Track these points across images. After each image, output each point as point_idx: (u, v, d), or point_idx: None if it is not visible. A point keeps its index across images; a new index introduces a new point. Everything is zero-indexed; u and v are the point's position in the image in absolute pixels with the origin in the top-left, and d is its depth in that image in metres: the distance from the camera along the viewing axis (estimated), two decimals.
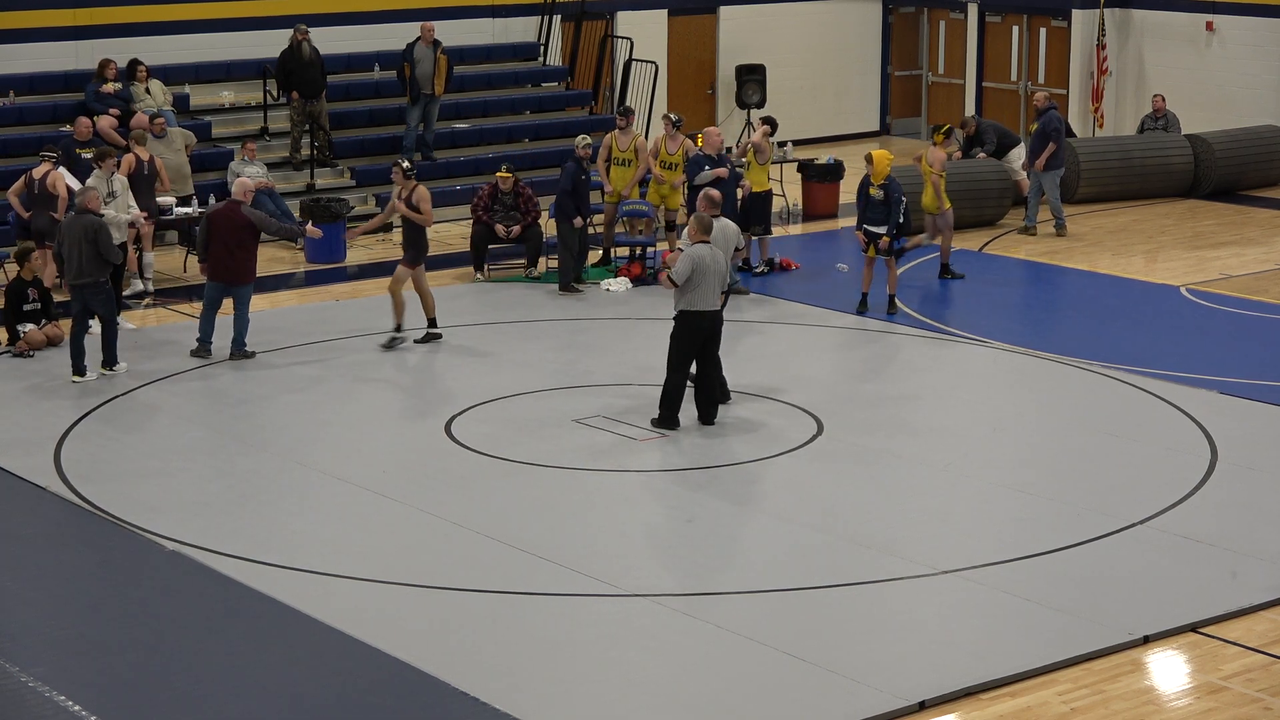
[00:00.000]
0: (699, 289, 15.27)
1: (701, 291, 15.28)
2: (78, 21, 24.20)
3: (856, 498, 14.08)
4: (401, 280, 17.90)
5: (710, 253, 15.33)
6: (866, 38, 32.25)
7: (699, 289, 15.27)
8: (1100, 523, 13.34)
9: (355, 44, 26.11)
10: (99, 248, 16.70)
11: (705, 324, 15.40)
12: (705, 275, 15.25)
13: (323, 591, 12.14)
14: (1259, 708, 10.60)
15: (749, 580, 12.43)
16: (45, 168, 19.71)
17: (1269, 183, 26.78)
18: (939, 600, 12.11)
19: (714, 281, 15.31)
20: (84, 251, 16.69)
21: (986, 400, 16.84)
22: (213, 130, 24.30)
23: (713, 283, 15.31)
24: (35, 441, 15.28)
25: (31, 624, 11.76)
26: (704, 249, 15.33)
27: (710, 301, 15.35)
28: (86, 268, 16.75)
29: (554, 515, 13.74)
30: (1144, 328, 19.24)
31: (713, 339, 15.53)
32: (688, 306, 15.33)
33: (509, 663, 11.10)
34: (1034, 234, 23.52)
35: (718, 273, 15.35)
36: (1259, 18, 28.05)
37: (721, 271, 15.41)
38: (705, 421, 15.62)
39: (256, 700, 10.65)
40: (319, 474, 14.51)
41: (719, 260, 15.40)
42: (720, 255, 15.48)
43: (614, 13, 29.16)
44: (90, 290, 16.78)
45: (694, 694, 10.75)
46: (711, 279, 15.29)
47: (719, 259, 15.41)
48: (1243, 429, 15.63)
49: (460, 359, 17.80)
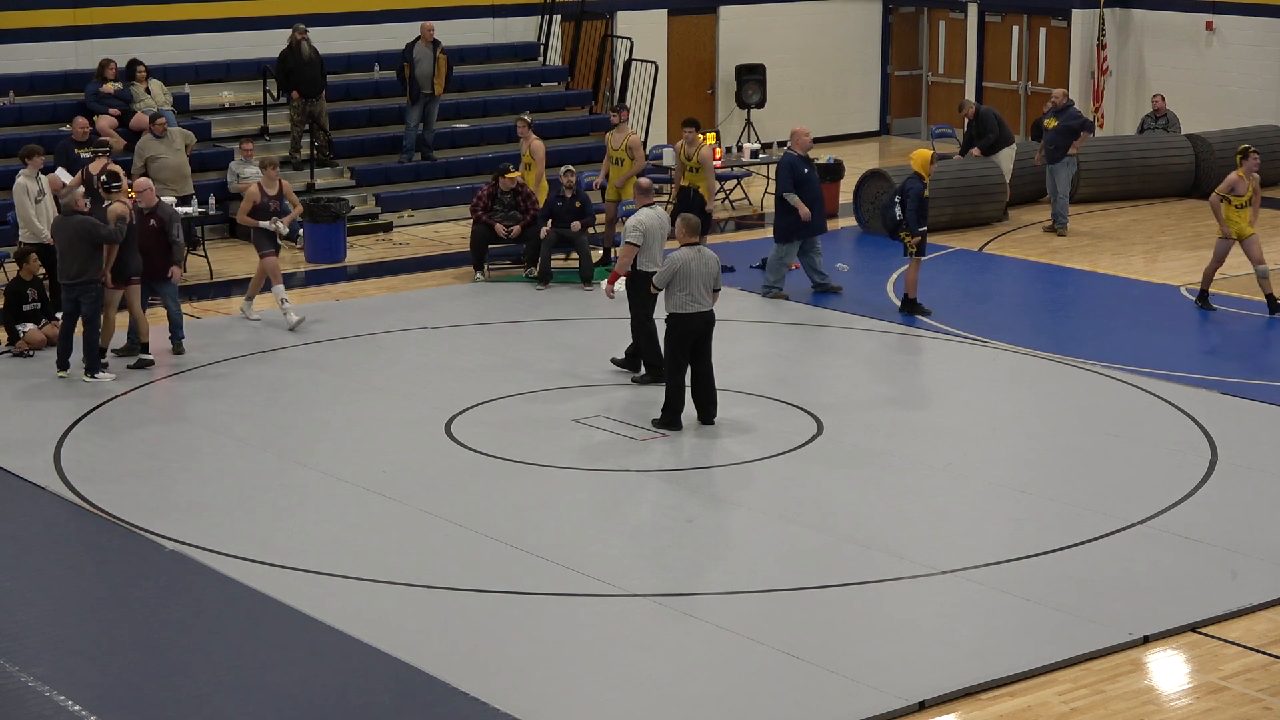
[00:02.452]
0: (685, 291, 15.30)
1: (689, 293, 15.30)
2: (78, 21, 24.20)
3: (856, 498, 14.08)
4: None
5: (696, 255, 15.35)
6: (866, 38, 32.26)
7: (685, 291, 15.30)
8: (1100, 523, 13.34)
9: (355, 44, 26.12)
10: (95, 241, 16.73)
11: (695, 325, 15.41)
12: (690, 278, 15.28)
13: (322, 591, 12.14)
14: (1259, 708, 10.60)
15: (749, 580, 12.43)
16: (101, 162, 19.95)
17: (1269, 183, 26.72)
18: (939, 600, 12.11)
19: (699, 283, 15.32)
20: (80, 251, 16.71)
21: (986, 400, 16.84)
22: (213, 130, 24.30)
23: (699, 284, 15.31)
24: (35, 441, 15.28)
25: (31, 624, 11.76)
26: (688, 252, 15.38)
27: (699, 303, 15.36)
28: (84, 267, 16.76)
29: (554, 515, 13.74)
30: (1144, 328, 19.24)
31: (704, 339, 15.53)
32: (676, 309, 15.36)
33: (509, 663, 11.10)
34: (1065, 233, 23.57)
35: (704, 274, 15.34)
36: (1259, 18, 28.06)
37: (707, 272, 15.38)
38: (704, 421, 15.62)
39: (256, 700, 10.65)
40: (319, 474, 14.51)
41: (705, 261, 15.39)
42: (708, 256, 15.46)
43: (614, 13, 29.16)
44: (83, 289, 16.79)
45: (694, 694, 10.75)
46: (697, 281, 15.30)
47: (705, 260, 15.40)
48: (1243, 429, 15.63)
49: (460, 359, 17.80)
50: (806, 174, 19.95)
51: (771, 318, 19.58)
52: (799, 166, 19.96)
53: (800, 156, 20.03)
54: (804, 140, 20.09)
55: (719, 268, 15.61)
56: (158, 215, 17.58)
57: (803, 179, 19.91)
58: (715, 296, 15.59)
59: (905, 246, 19.30)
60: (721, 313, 19.59)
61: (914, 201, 19.12)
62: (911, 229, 19.17)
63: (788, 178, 19.95)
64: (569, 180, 20.80)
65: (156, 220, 17.56)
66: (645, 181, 17.31)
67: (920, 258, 19.34)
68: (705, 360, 15.61)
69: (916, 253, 19.29)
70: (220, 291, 20.69)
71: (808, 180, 19.95)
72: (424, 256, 22.39)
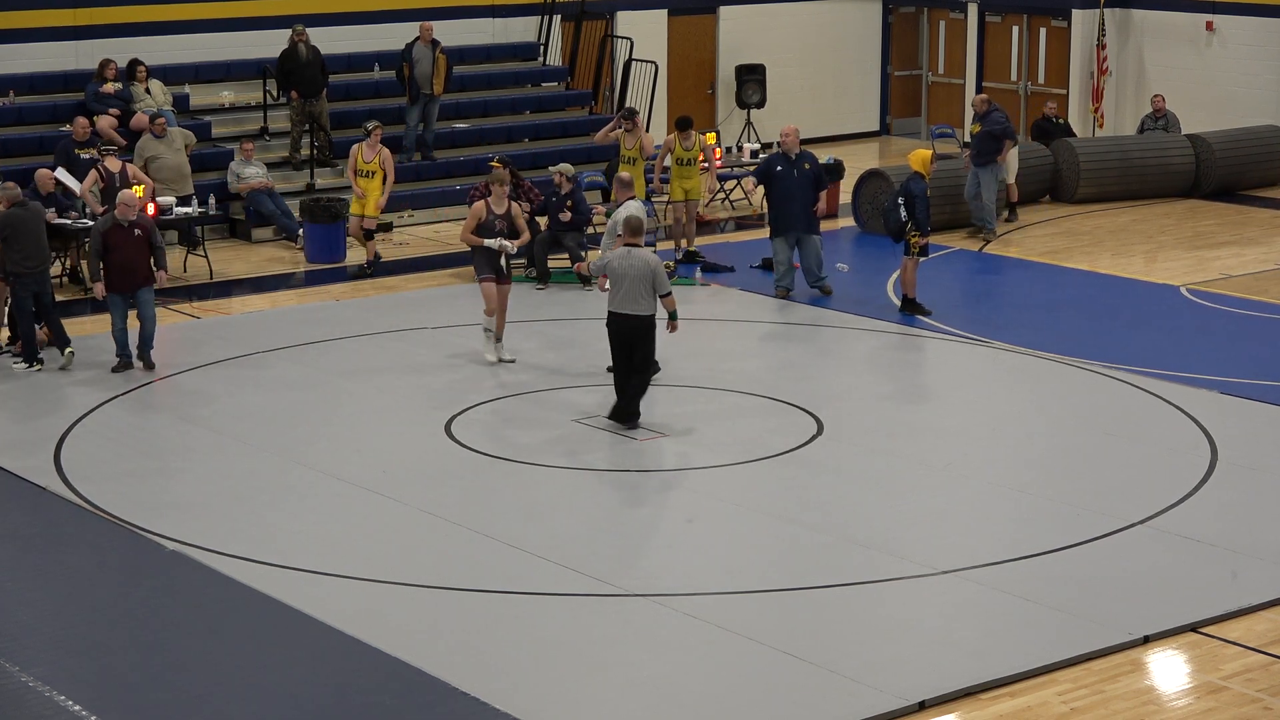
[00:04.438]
0: (618, 291, 15.33)
1: (621, 294, 15.32)
2: (78, 21, 24.20)
3: (856, 498, 14.08)
4: None
5: (624, 255, 15.34)
6: (866, 38, 32.26)
7: (618, 291, 15.33)
8: (1100, 523, 13.34)
9: (355, 44, 26.13)
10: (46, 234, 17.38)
11: (623, 327, 15.36)
12: (622, 279, 15.28)
13: (323, 591, 12.14)
14: (1259, 708, 10.60)
15: (749, 580, 12.43)
16: (118, 162, 20.19)
17: (1269, 183, 26.78)
18: (939, 600, 12.11)
19: (629, 285, 15.24)
20: (41, 239, 17.24)
21: (986, 400, 16.84)
22: (213, 130, 24.30)
23: (628, 287, 15.25)
24: (35, 441, 15.28)
25: (31, 624, 11.76)
26: (620, 252, 15.42)
27: (628, 305, 15.29)
28: (44, 254, 17.31)
29: (554, 515, 13.74)
30: (1144, 328, 19.24)
31: (634, 345, 15.41)
32: (609, 307, 15.44)
33: (509, 663, 11.10)
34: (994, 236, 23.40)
35: (635, 277, 15.24)
36: (1259, 18, 28.06)
37: (640, 276, 15.23)
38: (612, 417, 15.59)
39: (256, 700, 10.65)
40: (319, 474, 14.51)
41: (635, 264, 15.26)
42: (642, 258, 15.30)
43: (614, 13, 29.17)
44: (43, 278, 17.30)
45: (694, 694, 10.75)
46: (629, 282, 15.25)
47: (633, 262, 15.27)
48: (1243, 429, 15.63)
49: (460, 359, 17.80)
50: (779, 171, 20.12)
51: (771, 318, 19.58)
52: (772, 164, 20.32)
53: (779, 155, 20.32)
54: (785, 140, 20.41)
55: (655, 271, 15.28)
56: (141, 225, 17.26)
57: (773, 176, 20.20)
58: (668, 302, 15.40)
59: (908, 246, 19.28)
60: (721, 313, 19.71)
61: (921, 202, 19.14)
62: (921, 229, 19.18)
63: (760, 173, 20.63)
64: (560, 180, 20.87)
65: (141, 230, 17.22)
66: (626, 175, 17.51)
67: (921, 258, 19.35)
68: (636, 363, 15.48)
69: (920, 254, 19.29)
70: (220, 291, 20.69)
71: (778, 178, 20.13)
72: (424, 256, 22.39)
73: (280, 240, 23.02)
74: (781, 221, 20.17)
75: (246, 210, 23.10)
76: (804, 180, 20.04)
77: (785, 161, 20.12)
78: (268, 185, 23.01)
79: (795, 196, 19.98)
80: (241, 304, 20.25)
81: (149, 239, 17.35)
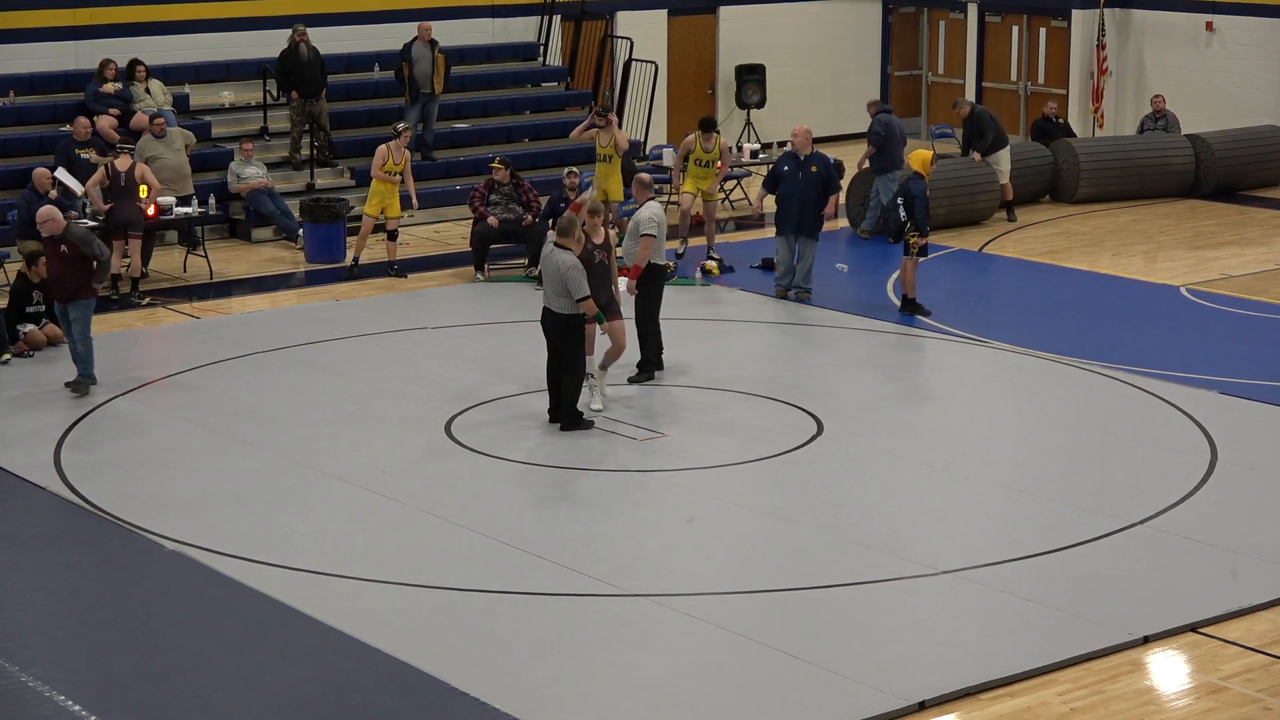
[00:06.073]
0: (544, 286, 15.50)
1: (545, 289, 15.47)
2: (78, 21, 24.20)
3: (856, 498, 14.08)
4: None
5: (549, 254, 15.36)
6: (866, 38, 32.27)
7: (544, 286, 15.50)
8: (1100, 523, 13.34)
9: (355, 44, 26.12)
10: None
11: (544, 322, 15.48)
12: (545, 275, 15.45)
13: (322, 591, 12.14)
14: (1259, 708, 10.60)
15: (749, 580, 12.43)
16: (127, 160, 20.14)
17: (1269, 183, 26.77)
18: (939, 600, 12.11)
19: (547, 283, 15.36)
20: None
21: (986, 400, 16.84)
22: (213, 130, 24.30)
23: (546, 284, 15.37)
24: (35, 441, 15.28)
25: (31, 624, 11.76)
26: (545, 250, 15.50)
27: (548, 300, 15.38)
28: None
29: (554, 515, 13.75)
30: (1144, 328, 19.24)
31: (552, 341, 15.45)
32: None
33: (509, 663, 11.10)
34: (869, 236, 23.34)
35: (550, 276, 15.30)
36: (1259, 18, 28.06)
37: (552, 276, 15.25)
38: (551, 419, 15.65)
39: (256, 700, 10.65)
40: (319, 474, 14.51)
41: (549, 266, 15.28)
42: (555, 260, 15.23)
43: (614, 13, 29.16)
44: None
45: (694, 694, 10.75)
46: (546, 281, 15.39)
47: (549, 265, 15.28)
48: (1243, 429, 15.62)
49: (460, 359, 17.80)
50: (785, 171, 20.08)
51: (771, 318, 19.57)
52: (780, 164, 20.25)
53: (788, 154, 20.27)
54: (796, 140, 20.22)
55: (565, 275, 15.14)
56: (67, 240, 16.53)
57: (781, 176, 20.12)
58: (584, 306, 15.23)
59: (907, 246, 19.27)
60: (721, 312, 19.72)
61: (920, 202, 19.13)
62: (921, 230, 19.17)
63: (769, 174, 20.50)
64: (572, 181, 20.79)
65: (68, 246, 16.49)
66: (646, 176, 17.43)
67: (920, 258, 19.34)
68: (563, 360, 15.49)
69: (919, 254, 19.28)
70: (220, 291, 20.69)
71: (784, 178, 20.07)
72: (424, 256, 22.38)
73: (280, 240, 23.03)
74: (782, 221, 20.16)
75: (246, 210, 23.11)
76: (809, 182, 19.93)
77: (793, 161, 20.07)
78: (268, 185, 23.01)
79: (797, 198, 19.95)
80: (241, 304, 20.26)
81: (79, 253, 16.54)
